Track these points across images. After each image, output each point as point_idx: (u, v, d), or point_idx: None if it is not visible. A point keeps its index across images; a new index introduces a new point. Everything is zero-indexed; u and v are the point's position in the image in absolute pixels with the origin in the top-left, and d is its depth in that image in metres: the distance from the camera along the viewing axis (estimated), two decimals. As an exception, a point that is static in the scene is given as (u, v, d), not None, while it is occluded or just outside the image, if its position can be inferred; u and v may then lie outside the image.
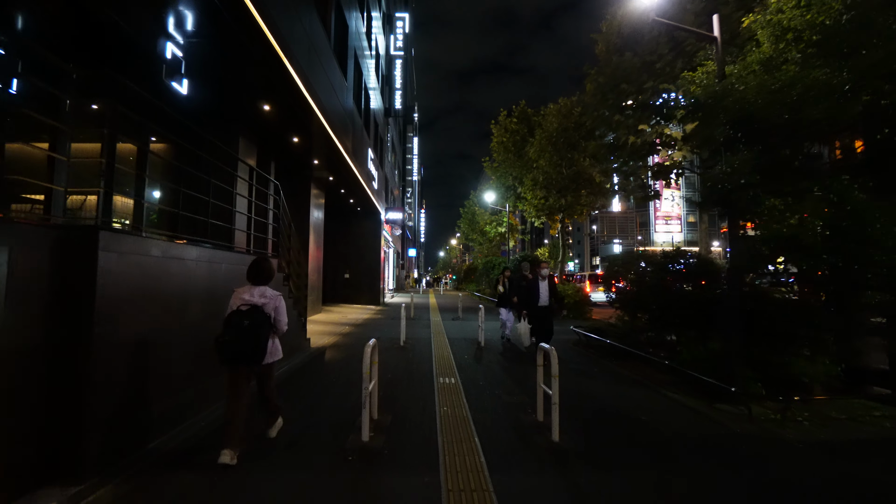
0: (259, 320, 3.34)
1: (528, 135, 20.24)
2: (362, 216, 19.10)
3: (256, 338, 3.29)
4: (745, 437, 4.07)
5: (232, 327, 3.26)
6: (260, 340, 3.31)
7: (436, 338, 9.67)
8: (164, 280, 3.85)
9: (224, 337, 3.25)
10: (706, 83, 6.25)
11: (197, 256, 4.45)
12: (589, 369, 6.93)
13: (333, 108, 10.08)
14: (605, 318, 15.50)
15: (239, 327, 3.26)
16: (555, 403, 3.79)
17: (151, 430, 3.64)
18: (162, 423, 3.76)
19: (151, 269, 3.68)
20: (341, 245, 19.22)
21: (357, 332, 10.40)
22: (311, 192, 12.95)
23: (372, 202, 16.72)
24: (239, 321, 3.28)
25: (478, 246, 34.61)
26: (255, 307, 3.37)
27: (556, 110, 16.72)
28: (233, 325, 3.27)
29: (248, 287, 3.53)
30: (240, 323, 3.27)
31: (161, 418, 3.75)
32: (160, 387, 3.75)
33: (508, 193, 21.12)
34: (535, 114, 20.75)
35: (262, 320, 3.37)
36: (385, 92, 20.75)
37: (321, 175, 12.75)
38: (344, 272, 19.11)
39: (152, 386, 3.65)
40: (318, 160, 11.31)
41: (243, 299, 3.41)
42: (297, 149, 10.41)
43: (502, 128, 20.89)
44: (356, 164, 12.64)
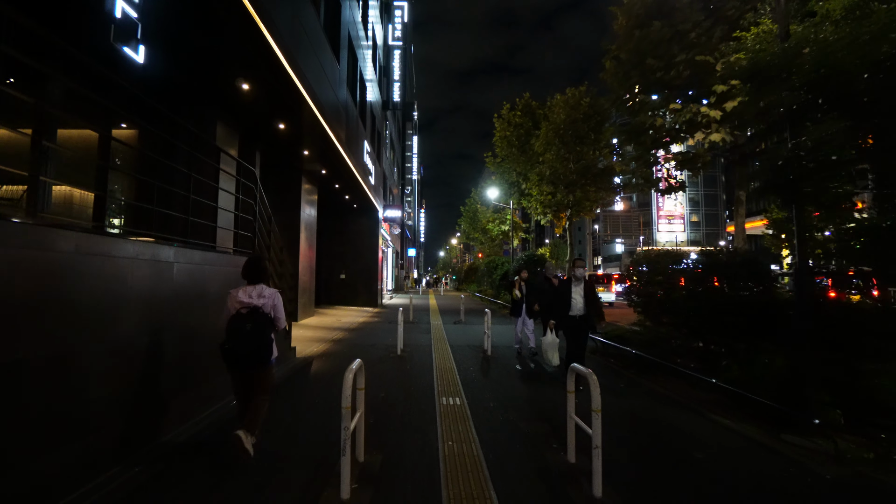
0: (261, 322, 3.27)
1: (533, 128, 19.32)
2: (359, 213, 18.18)
3: (260, 341, 3.24)
4: (841, 487, 3.14)
5: (234, 332, 3.18)
6: (264, 343, 3.27)
7: (437, 345, 8.74)
8: (78, 283, 2.92)
9: (228, 343, 3.17)
10: (758, 48, 5.34)
11: (135, 253, 3.51)
12: (614, 384, 6.00)
13: (325, 94, 9.16)
14: (614, 320, 14.60)
15: (241, 332, 3.18)
16: (597, 447, 2.85)
17: None
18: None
19: (57, 268, 2.75)
20: (337, 244, 18.29)
21: (351, 339, 9.47)
22: (303, 187, 12.02)
23: (368, 198, 15.80)
24: (241, 325, 3.19)
25: (479, 245, 33.60)
26: (254, 309, 3.27)
27: (564, 101, 15.80)
28: (235, 330, 3.18)
29: (245, 287, 3.39)
30: (242, 327, 3.19)
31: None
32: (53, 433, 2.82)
33: (512, 190, 20.16)
34: (540, 106, 19.82)
35: (265, 322, 3.30)
36: (383, 84, 19.84)
37: (313, 168, 11.82)
38: (339, 272, 18.19)
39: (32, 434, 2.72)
40: (309, 151, 10.38)
41: (242, 301, 3.28)
42: (285, 138, 9.48)
43: (505, 122, 19.96)
44: (350, 156, 11.72)
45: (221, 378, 3.99)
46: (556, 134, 15.38)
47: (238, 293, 3.34)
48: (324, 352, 7.80)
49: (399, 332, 7.76)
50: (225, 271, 5.20)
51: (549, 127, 15.67)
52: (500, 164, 20.69)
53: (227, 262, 5.36)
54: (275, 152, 10.40)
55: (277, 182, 11.78)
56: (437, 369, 6.53)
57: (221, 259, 5.30)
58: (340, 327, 11.11)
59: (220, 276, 5.07)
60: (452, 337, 9.96)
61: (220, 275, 5.07)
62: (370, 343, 8.91)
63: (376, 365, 6.81)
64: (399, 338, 7.77)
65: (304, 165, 11.66)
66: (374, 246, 18.54)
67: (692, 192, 79.17)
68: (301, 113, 8.23)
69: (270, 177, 11.66)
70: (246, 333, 3.19)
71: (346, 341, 9.02)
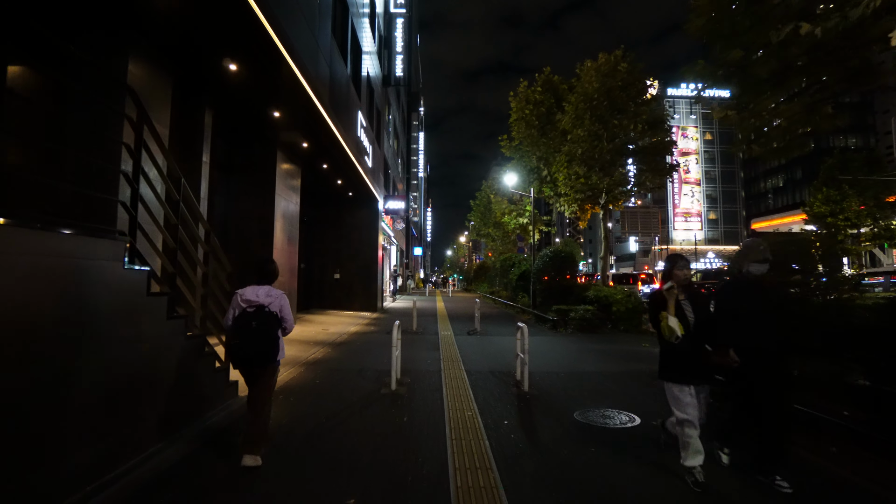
0: (267, 319, 3.25)
1: (556, 107, 16.81)
2: (355, 204, 15.77)
3: (267, 338, 3.23)
4: None
5: (241, 330, 3.20)
6: (270, 339, 3.24)
7: (448, 372, 6.28)
8: None
9: (234, 340, 3.21)
10: None
11: None
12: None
13: (298, 31, 6.77)
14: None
15: (248, 329, 3.18)
16: None
17: None
18: None
19: None
20: (330, 239, 15.91)
21: (332, 360, 7.05)
22: (279, 167, 9.61)
23: (366, 184, 13.38)
24: (247, 323, 3.20)
25: (491, 242, 30.99)
26: (260, 307, 3.26)
27: (596, 68, 13.29)
28: (241, 328, 3.20)
29: (253, 287, 3.38)
30: (248, 325, 3.19)
31: None
32: None
33: (531, 177, 17.63)
34: (563, 81, 17.30)
35: (271, 320, 3.27)
36: (384, 57, 17.44)
37: (291, 139, 9.41)
38: (333, 272, 15.80)
39: None
40: (281, 113, 7.97)
41: (248, 300, 3.27)
42: (244, 88, 7.09)
43: (523, 100, 17.43)
44: (339, 125, 9.31)
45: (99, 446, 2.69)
46: (588, 106, 12.86)
47: (245, 292, 3.33)
48: (283, 385, 5.37)
49: (395, 356, 5.29)
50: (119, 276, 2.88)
51: (578, 98, 13.14)
52: (517, 149, 18.15)
53: (112, 255, 3.04)
54: (233, 112, 8.01)
55: (244, 158, 9.40)
56: (452, 426, 4.06)
57: (109, 250, 2.98)
58: (324, 341, 8.69)
59: (111, 282, 2.76)
60: (469, 356, 7.50)
61: (108, 278, 2.76)
62: (356, 367, 6.47)
63: (355, 415, 4.37)
64: (395, 365, 5.31)
65: (280, 136, 9.25)
66: (374, 241, 16.14)
67: (710, 189, 76.00)
68: (260, 48, 5.83)
69: (233, 150, 9.29)
70: (252, 331, 3.18)
71: (323, 365, 6.59)
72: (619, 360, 7.39)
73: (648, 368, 6.64)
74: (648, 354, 7.98)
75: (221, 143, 8.96)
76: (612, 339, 9.93)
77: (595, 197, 13.46)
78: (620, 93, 12.61)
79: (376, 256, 16.14)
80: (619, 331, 11.17)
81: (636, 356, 7.84)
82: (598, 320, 11.28)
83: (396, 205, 18.28)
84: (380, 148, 16.78)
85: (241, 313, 3.25)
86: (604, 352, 8.24)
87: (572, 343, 9.10)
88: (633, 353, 8.11)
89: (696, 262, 67.89)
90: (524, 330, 5.42)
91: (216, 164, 8.80)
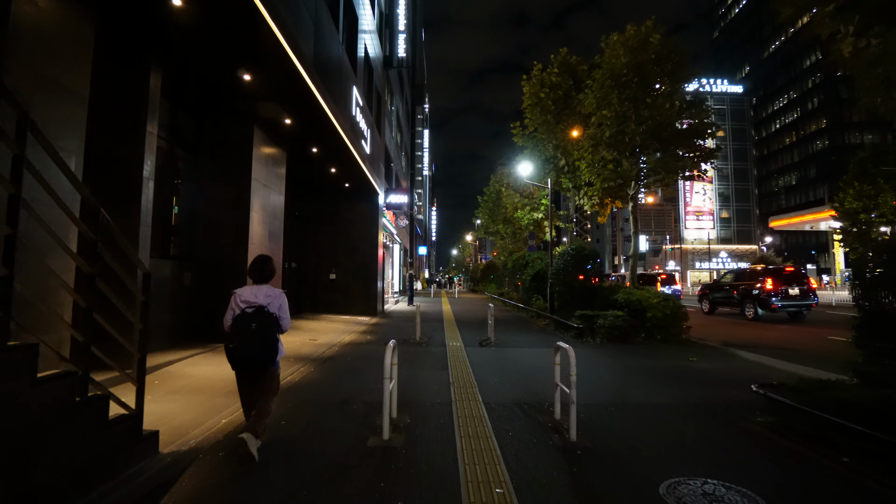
0: (266, 321, 3.18)
1: (574, 90, 15.22)
2: (353, 196, 14.28)
3: (266, 340, 3.15)
4: None
5: (239, 332, 3.11)
6: (270, 342, 3.17)
7: (462, 406, 4.73)
8: None
9: (233, 342, 3.10)
10: None
11: None
12: None
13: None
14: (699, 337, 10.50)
15: (246, 331, 3.11)
16: None
17: None
18: None
19: None
20: (325, 236, 14.43)
21: (310, 385, 5.54)
22: (256, 147, 8.11)
23: (363, 173, 11.87)
24: (246, 324, 3.12)
25: (499, 241, 29.31)
26: (259, 308, 3.20)
27: (623, 42, 11.71)
28: (240, 330, 3.11)
29: (250, 287, 3.33)
30: (247, 326, 3.12)
31: None
32: None
33: (547, 167, 16.03)
34: (582, 62, 15.70)
35: (270, 321, 3.21)
36: (385, 36, 15.93)
37: (270, 114, 7.91)
38: (329, 272, 14.31)
39: None
40: (253, 76, 6.46)
41: (247, 301, 3.22)
42: (201, 43, 5.60)
43: (537, 83, 15.83)
44: (327, 97, 7.81)
45: None
46: (615, 83, 11.26)
47: (243, 292, 3.26)
48: (233, 431, 3.86)
49: (387, 392, 3.74)
50: None
51: (604, 75, 11.54)
52: (531, 137, 16.56)
53: None
54: (191, 75, 6.52)
55: (215, 136, 7.91)
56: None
57: None
58: (308, 356, 7.18)
59: None
60: (485, 378, 5.95)
61: None
62: (339, 397, 4.94)
63: (329, 487, 2.84)
64: (387, 404, 3.77)
65: (258, 111, 7.75)
66: (374, 238, 14.64)
67: (722, 187, 73.80)
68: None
69: (201, 126, 7.81)
70: (251, 332, 3.10)
71: (296, 393, 5.07)
72: (676, 384, 5.82)
73: (722, 398, 5.08)
74: (706, 374, 6.42)
75: (185, 116, 7.48)
76: (651, 352, 8.37)
77: (624, 185, 11.84)
78: (653, 67, 11.01)
79: (376, 255, 14.64)
80: (656, 341, 9.60)
81: (693, 377, 6.27)
82: (630, 328, 9.73)
83: (399, 199, 16.77)
84: (380, 136, 15.27)
85: (240, 314, 3.16)
86: (650, 370, 6.68)
87: (607, 357, 7.55)
88: (686, 373, 6.54)
89: (709, 262, 65.93)
90: (568, 352, 3.86)
91: (179, 142, 7.33)
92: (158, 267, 6.62)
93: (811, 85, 68.24)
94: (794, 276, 14.48)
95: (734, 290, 15.76)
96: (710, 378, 6.24)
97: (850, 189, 26.74)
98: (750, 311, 14.77)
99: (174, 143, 7.17)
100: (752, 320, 14.57)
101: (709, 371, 6.71)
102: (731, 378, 6.23)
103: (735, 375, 6.42)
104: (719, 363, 7.44)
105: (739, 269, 16.51)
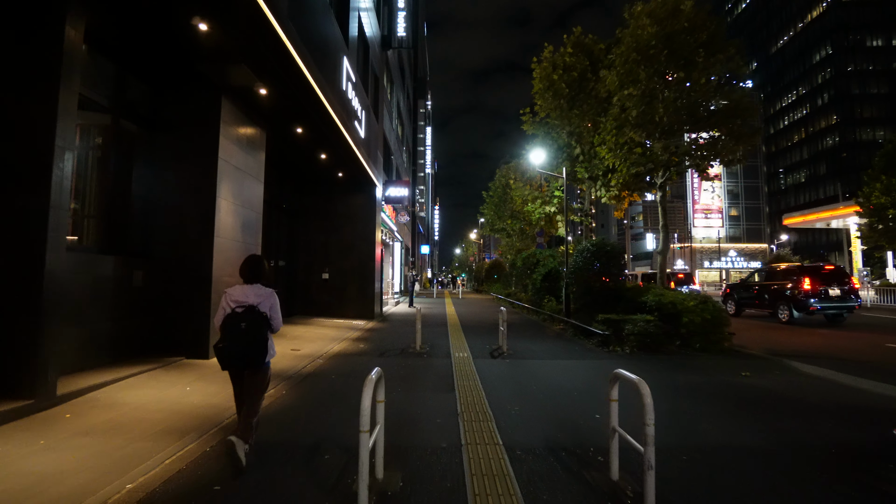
0: (257, 320, 3.12)
1: (590, 72, 13.89)
2: (348, 188, 13.01)
3: (256, 339, 3.08)
4: None
5: (229, 331, 3.07)
6: (259, 341, 3.10)
7: (476, 455, 3.42)
8: None
9: (222, 342, 3.04)
10: None
11: None
12: None
13: None
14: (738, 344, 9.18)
15: (236, 331, 3.06)
16: None
17: None
18: None
19: None
20: (318, 232, 13.17)
21: (271, 419, 4.24)
22: (226, 123, 6.83)
23: (357, 160, 10.59)
24: (235, 324, 3.07)
25: (506, 238, 27.89)
26: (250, 307, 3.14)
27: (649, 12, 10.36)
28: (230, 329, 3.07)
29: (241, 286, 3.27)
30: (237, 326, 3.07)
31: None
32: None
33: (560, 156, 14.67)
34: (599, 42, 14.36)
35: (260, 320, 3.14)
36: (383, 14, 14.65)
37: (241, 82, 6.61)
38: (321, 271, 13.04)
39: None
40: (210, 25, 5.17)
41: (237, 300, 3.16)
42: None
43: (549, 65, 14.49)
44: (309, 64, 6.55)
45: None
46: (642, 57, 9.91)
47: (234, 292, 3.22)
48: (147, 496, 2.59)
49: (364, 451, 2.45)
50: None
51: (629, 48, 10.17)
52: (542, 124, 15.21)
53: None
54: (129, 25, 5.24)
55: (175, 108, 6.65)
56: None
57: None
58: (283, 372, 5.90)
59: None
60: (503, 404, 4.64)
61: None
62: (311, 439, 3.65)
63: None
64: (365, 464, 2.47)
65: (227, 77, 6.46)
66: (371, 235, 13.36)
67: (731, 184, 72.04)
68: None
69: (156, 96, 6.56)
70: (241, 332, 3.04)
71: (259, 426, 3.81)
72: (750, 414, 4.51)
73: (823, 436, 3.75)
74: (777, 398, 5.12)
75: (137, 83, 6.22)
76: (693, 365, 7.09)
77: (654, 170, 10.47)
78: (686, 38, 9.67)
79: (374, 253, 13.36)
80: (695, 349, 8.30)
81: (764, 401, 4.97)
82: (663, 335, 8.43)
83: (399, 192, 15.49)
84: (378, 122, 13.99)
85: (230, 314, 3.12)
86: (704, 391, 5.39)
87: (643, 372, 6.25)
88: (750, 394, 5.24)
89: (719, 260, 64.37)
90: (639, 387, 2.55)
91: (130, 115, 6.07)
92: (96, 263, 5.36)
93: (821, 81, 66.71)
94: (835, 274, 13.11)
95: (765, 291, 14.40)
96: (785, 403, 4.94)
97: (876, 183, 25.30)
98: (784, 313, 13.41)
99: (122, 114, 5.91)
100: (787, 323, 13.22)
101: (775, 392, 5.41)
102: (811, 403, 4.93)
103: (812, 398, 5.13)
104: (780, 379, 6.14)
105: (770, 267, 15.12)
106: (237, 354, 3.06)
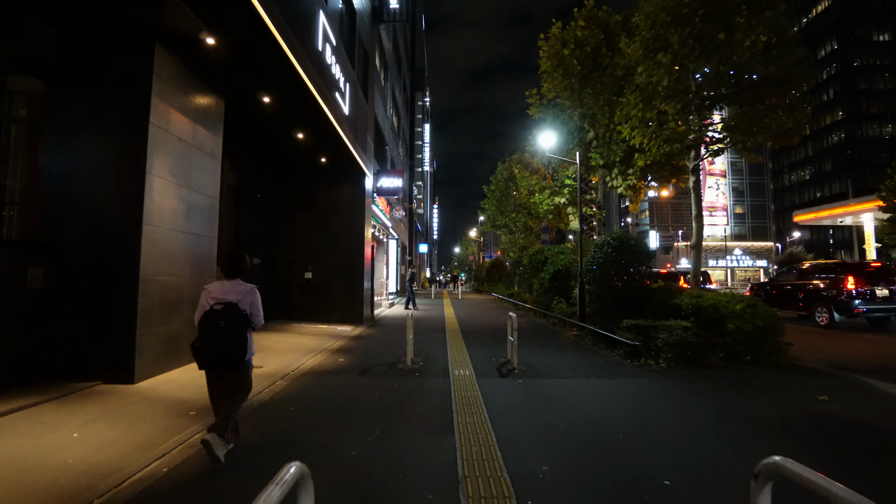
0: (236, 319, 2.98)
1: (605, 47, 12.45)
2: (333, 176, 11.56)
3: (234, 339, 2.96)
4: None
5: (207, 329, 2.93)
6: (238, 341, 2.98)
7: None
8: None
9: (200, 341, 2.92)
10: None
11: None
12: None
13: None
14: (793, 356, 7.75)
15: (215, 329, 2.92)
16: None
17: None
18: None
19: None
20: (299, 225, 11.72)
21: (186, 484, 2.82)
22: (161, 79, 5.38)
23: (341, 140, 9.12)
24: (214, 322, 2.93)
25: (508, 234, 26.37)
26: (229, 305, 3.00)
27: (678, -30, 8.90)
28: (208, 328, 2.93)
29: (221, 282, 3.14)
30: (215, 324, 2.93)
31: None
32: None
33: (571, 141, 13.20)
34: (613, 14, 12.89)
35: (240, 318, 3.01)
36: (373, -16, 13.19)
37: (182, 26, 5.13)
38: (303, 270, 11.59)
39: None
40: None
41: (216, 297, 3.02)
42: None
43: (558, 41, 13.05)
44: (267, 5, 5.10)
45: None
46: (673, 18, 8.43)
47: (213, 288, 3.09)
48: None
49: None
50: None
51: (657, 10, 8.66)
52: (550, 106, 13.74)
53: None
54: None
55: (94, 60, 5.20)
56: None
57: None
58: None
59: None
60: (526, 462, 3.16)
61: None
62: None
63: None
64: None
65: (163, 19, 4.99)
66: (360, 230, 11.90)
67: (736, 181, 70.54)
68: None
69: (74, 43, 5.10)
70: (219, 331, 2.92)
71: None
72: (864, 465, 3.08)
73: None
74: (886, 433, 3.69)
75: (41, 25, 4.75)
76: (752, 384, 5.66)
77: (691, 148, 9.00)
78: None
79: (363, 249, 11.91)
80: (744, 362, 6.88)
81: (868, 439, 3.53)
82: (703, 345, 7.01)
83: (392, 182, 14.02)
84: (367, 102, 12.52)
85: (209, 311, 2.98)
86: (779, 424, 3.97)
87: (690, 395, 4.85)
88: (847, 430, 3.82)
89: (724, 259, 62.92)
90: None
91: (32, 67, 4.63)
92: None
93: (826, 76, 65.40)
94: (882, 272, 11.68)
95: (799, 291, 12.98)
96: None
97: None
98: (823, 316, 11.98)
99: (22, 68, 4.46)
100: (826, 327, 11.80)
101: (874, 426, 3.99)
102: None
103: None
104: (871, 406, 4.72)
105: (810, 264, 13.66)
106: (215, 354, 2.93)
